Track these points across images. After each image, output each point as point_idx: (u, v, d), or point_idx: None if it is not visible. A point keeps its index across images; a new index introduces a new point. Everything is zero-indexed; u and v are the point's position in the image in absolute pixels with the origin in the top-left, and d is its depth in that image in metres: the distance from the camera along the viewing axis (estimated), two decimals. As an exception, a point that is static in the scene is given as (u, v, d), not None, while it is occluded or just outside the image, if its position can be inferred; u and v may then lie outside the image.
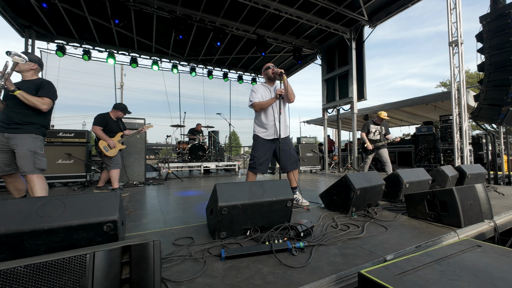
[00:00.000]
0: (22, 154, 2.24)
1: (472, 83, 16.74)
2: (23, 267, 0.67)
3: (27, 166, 2.23)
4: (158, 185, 4.74)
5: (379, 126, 4.86)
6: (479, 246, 1.40)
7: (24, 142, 2.26)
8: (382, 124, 4.88)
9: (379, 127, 4.86)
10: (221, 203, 1.63)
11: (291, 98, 2.80)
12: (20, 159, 2.23)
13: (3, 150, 2.27)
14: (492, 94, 4.66)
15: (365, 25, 6.75)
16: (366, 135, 4.87)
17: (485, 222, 2.12)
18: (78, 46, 7.35)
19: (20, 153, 2.23)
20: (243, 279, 1.21)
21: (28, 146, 2.26)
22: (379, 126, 4.86)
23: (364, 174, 2.55)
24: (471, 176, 3.62)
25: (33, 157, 2.27)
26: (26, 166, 2.23)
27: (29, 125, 2.32)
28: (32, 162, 2.25)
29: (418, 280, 1.01)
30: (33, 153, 2.28)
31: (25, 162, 2.23)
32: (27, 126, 2.31)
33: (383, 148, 4.77)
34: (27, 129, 2.31)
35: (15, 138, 2.24)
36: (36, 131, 2.36)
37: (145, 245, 0.87)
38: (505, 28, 4.41)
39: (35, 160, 2.27)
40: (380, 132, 4.83)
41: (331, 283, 1.21)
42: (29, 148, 2.27)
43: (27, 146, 2.26)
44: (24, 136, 2.28)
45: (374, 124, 4.89)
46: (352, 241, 1.72)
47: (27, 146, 2.26)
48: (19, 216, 1.17)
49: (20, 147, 2.23)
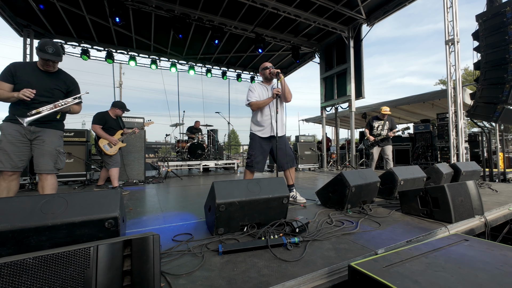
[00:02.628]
0: (48, 151, 2.12)
1: (471, 81, 16.80)
2: (32, 258, 0.72)
3: (48, 164, 2.12)
4: (157, 184, 4.80)
5: (383, 121, 4.83)
6: (466, 240, 1.46)
7: (52, 139, 2.16)
8: (386, 119, 4.83)
9: (382, 122, 4.83)
10: (218, 200, 1.68)
11: (288, 97, 2.85)
12: (43, 156, 2.10)
13: (22, 143, 2.08)
14: (488, 92, 4.72)
15: (363, 23, 6.78)
16: (370, 131, 4.90)
17: (476, 218, 2.18)
18: (76, 45, 7.37)
19: (45, 150, 2.11)
20: (239, 272, 1.27)
21: (55, 144, 2.17)
22: (382, 121, 4.84)
23: (359, 171, 2.61)
24: (466, 173, 3.68)
25: (57, 157, 2.18)
26: (48, 164, 2.12)
27: (58, 121, 2.24)
28: (54, 161, 2.16)
29: (404, 272, 1.07)
30: (57, 152, 2.19)
31: (47, 161, 2.11)
32: (55, 121, 2.22)
33: (388, 145, 4.75)
34: (56, 125, 2.22)
35: (43, 132, 2.12)
36: (62, 127, 2.31)
37: (145, 238, 0.92)
38: (501, 26, 4.45)
39: (57, 159, 2.19)
40: (383, 127, 4.79)
41: (323, 275, 1.27)
42: (56, 146, 2.18)
43: (54, 144, 2.16)
44: (52, 132, 2.18)
45: (378, 120, 4.89)
46: (345, 236, 1.78)
47: (55, 144, 2.17)
48: (24, 213, 1.22)
49: (47, 144, 2.12)
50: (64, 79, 2.29)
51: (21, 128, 2.06)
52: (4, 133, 2.04)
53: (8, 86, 2.02)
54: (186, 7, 5.99)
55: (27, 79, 2.08)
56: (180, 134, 7.54)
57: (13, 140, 2.04)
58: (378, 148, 4.83)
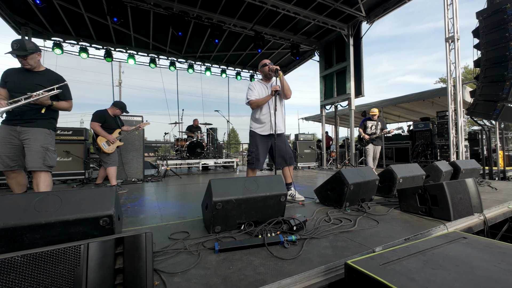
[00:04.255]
0: (34, 149, 2.19)
1: (471, 79, 16.75)
2: (20, 256, 0.71)
3: (36, 162, 2.18)
4: (156, 182, 4.79)
5: (375, 122, 5.17)
6: (464, 238, 1.45)
7: (36, 137, 2.22)
8: (378, 120, 5.18)
9: (375, 122, 5.17)
10: (215, 198, 1.67)
11: (288, 94, 2.83)
12: (30, 154, 2.18)
13: (11, 144, 2.19)
14: (488, 90, 4.69)
15: (363, 21, 6.74)
16: (364, 131, 5.24)
17: (475, 215, 2.17)
18: (75, 44, 7.33)
19: (31, 148, 2.18)
20: (235, 270, 1.25)
21: (40, 142, 2.23)
22: (375, 122, 5.17)
23: (358, 169, 2.59)
24: (465, 171, 3.66)
25: (44, 154, 2.24)
26: (35, 162, 2.18)
27: (43, 120, 2.29)
28: (42, 158, 2.21)
29: (401, 269, 1.05)
30: (44, 150, 2.24)
31: (35, 158, 2.18)
32: (41, 120, 2.28)
33: (379, 145, 5.18)
34: (41, 123, 2.28)
35: (28, 132, 2.20)
36: (49, 125, 2.34)
37: (137, 236, 0.91)
38: (501, 23, 4.41)
39: (45, 157, 2.24)
40: (376, 127, 5.16)
41: (319, 273, 1.25)
42: (41, 144, 2.23)
43: (39, 141, 2.22)
44: (37, 130, 2.24)
45: (370, 121, 5.22)
46: (343, 234, 1.77)
47: (40, 141, 2.23)
48: (17, 211, 1.21)
49: (32, 142, 2.19)
50: (49, 77, 2.35)
51: (10, 131, 2.18)
52: None
53: (3, 91, 2.21)
54: (184, 5, 5.95)
55: (13, 79, 2.22)
56: (179, 133, 7.52)
57: (2, 142, 2.17)
58: (372, 146, 5.17)
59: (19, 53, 2.16)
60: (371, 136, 5.11)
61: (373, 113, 5.21)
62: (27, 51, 2.18)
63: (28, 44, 2.21)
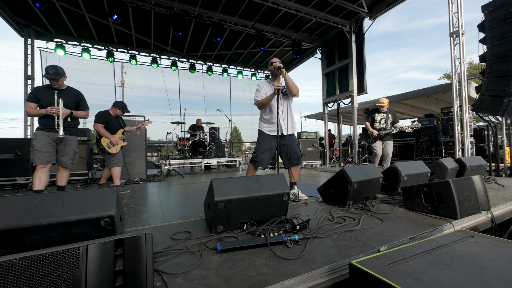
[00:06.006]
0: (70, 152, 2.96)
1: (476, 74, 16.50)
2: (18, 259, 0.70)
3: (69, 161, 2.96)
4: (159, 182, 4.80)
5: (385, 114, 4.48)
6: (472, 237, 1.41)
7: (71, 143, 2.98)
8: (388, 111, 4.49)
9: (385, 115, 4.48)
10: (217, 197, 1.66)
11: (293, 90, 2.78)
12: (67, 155, 2.93)
13: (51, 147, 2.82)
14: (494, 85, 4.59)
15: (365, 17, 6.66)
16: (371, 124, 4.56)
17: (482, 213, 2.12)
18: (77, 45, 7.36)
19: (69, 151, 2.94)
20: (237, 271, 1.24)
21: (73, 147, 3.01)
22: (385, 114, 4.48)
23: (361, 167, 2.56)
24: (471, 168, 3.60)
25: (74, 155, 3.02)
26: (68, 161, 2.96)
27: (75, 128, 3.05)
28: (72, 159, 2.99)
29: (407, 270, 1.03)
30: (74, 152, 3.02)
31: (68, 159, 2.95)
32: (74, 129, 3.03)
33: (389, 141, 4.44)
34: (75, 132, 3.05)
35: (69, 139, 2.94)
36: (77, 133, 3.10)
37: (137, 238, 0.90)
38: (507, 17, 4.31)
39: (74, 157, 3.02)
40: (386, 120, 4.47)
41: (323, 273, 1.23)
42: (74, 148, 3.01)
43: (73, 147, 3.00)
44: (73, 138, 3.00)
45: (379, 113, 4.53)
46: (347, 233, 1.74)
47: (73, 147, 3.00)
48: (19, 212, 1.21)
49: (69, 146, 2.94)
50: (71, 93, 3.00)
51: (49, 134, 2.79)
52: (38, 139, 2.75)
53: (35, 105, 2.77)
54: (185, 4, 5.93)
55: (46, 97, 2.78)
56: (182, 132, 7.54)
57: (44, 143, 2.76)
58: (381, 143, 4.48)
59: (54, 77, 2.78)
60: (380, 132, 4.38)
61: (380, 104, 4.42)
62: (59, 75, 2.82)
63: (60, 70, 2.85)
